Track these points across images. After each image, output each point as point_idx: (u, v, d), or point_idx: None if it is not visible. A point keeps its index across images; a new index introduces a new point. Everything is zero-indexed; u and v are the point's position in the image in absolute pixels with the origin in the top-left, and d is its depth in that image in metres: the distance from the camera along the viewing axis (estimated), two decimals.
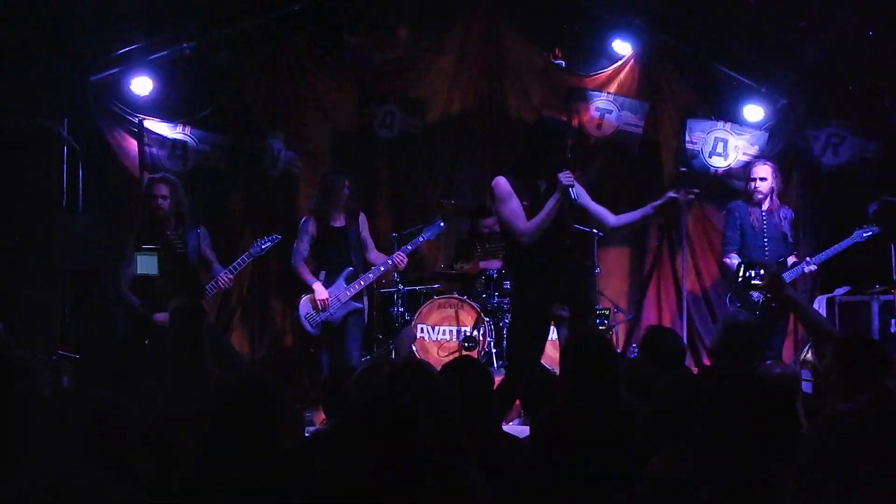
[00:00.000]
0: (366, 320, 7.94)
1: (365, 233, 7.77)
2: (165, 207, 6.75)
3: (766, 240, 7.48)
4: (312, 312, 7.52)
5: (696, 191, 5.84)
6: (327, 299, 7.46)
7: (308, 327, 7.56)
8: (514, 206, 5.68)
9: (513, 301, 6.08)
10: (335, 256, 7.58)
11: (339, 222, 7.62)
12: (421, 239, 7.86)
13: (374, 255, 7.74)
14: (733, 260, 7.52)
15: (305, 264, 7.66)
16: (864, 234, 7.62)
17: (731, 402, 2.34)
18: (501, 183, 5.73)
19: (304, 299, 7.59)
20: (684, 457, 2.59)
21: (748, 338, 4.42)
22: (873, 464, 1.42)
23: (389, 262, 7.62)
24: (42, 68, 6.39)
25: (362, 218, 7.82)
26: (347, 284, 7.51)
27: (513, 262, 5.87)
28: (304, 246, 7.63)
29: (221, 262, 7.77)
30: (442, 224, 8.08)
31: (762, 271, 4.30)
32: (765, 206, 7.58)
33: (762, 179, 7.56)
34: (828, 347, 3.73)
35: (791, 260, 7.65)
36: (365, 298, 7.84)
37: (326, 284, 7.53)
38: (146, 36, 8.49)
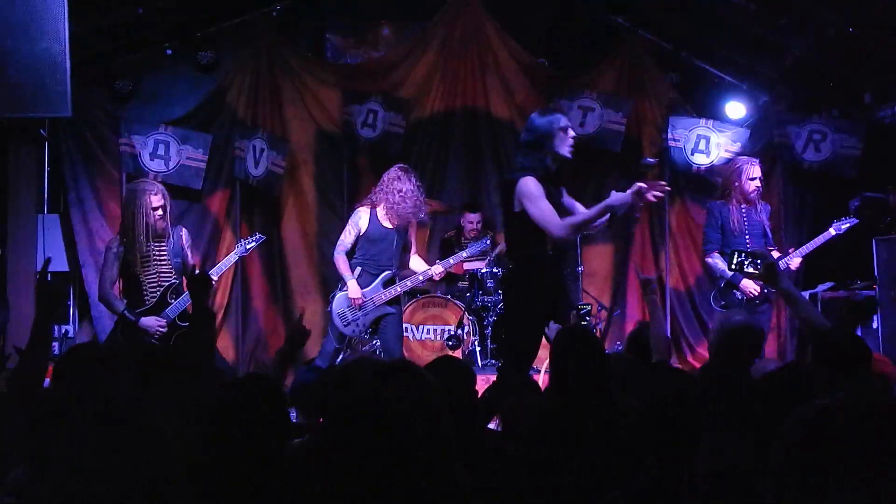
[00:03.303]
0: (400, 324, 7.75)
1: (412, 236, 7.65)
2: (164, 221, 6.71)
3: (747, 236, 7.46)
4: (346, 310, 7.39)
5: (664, 185, 5.69)
6: (361, 299, 7.33)
7: (340, 324, 7.42)
8: (546, 205, 5.47)
9: (514, 300, 5.81)
10: (376, 256, 7.40)
11: (390, 223, 7.40)
12: (464, 254, 7.84)
13: (414, 259, 7.65)
14: (715, 259, 7.52)
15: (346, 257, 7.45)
16: (843, 227, 7.65)
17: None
18: (530, 182, 5.49)
19: (340, 296, 7.42)
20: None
21: (747, 339, 4.41)
22: (851, 458, 1.42)
23: (429, 273, 7.57)
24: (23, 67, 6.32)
25: (411, 228, 7.63)
26: (385, 288, 7.39)
27: (520, 262, 5.71)
28: (349, 238, 7.38)
29: (203, 262, 7.75)
30: (488, 241, 8.12)
31: (758, 261, 4.28)
32: (745, 204, 7.56)
33: (761, 179, 7.52)
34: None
35: (774, 254, 7.64)
36: (402, 302, 7.75)
37: (362, 283, 7.36)
38: (128, 35, 8.46)
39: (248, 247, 7.42)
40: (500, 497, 2.87)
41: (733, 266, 4.40)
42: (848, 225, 7.64)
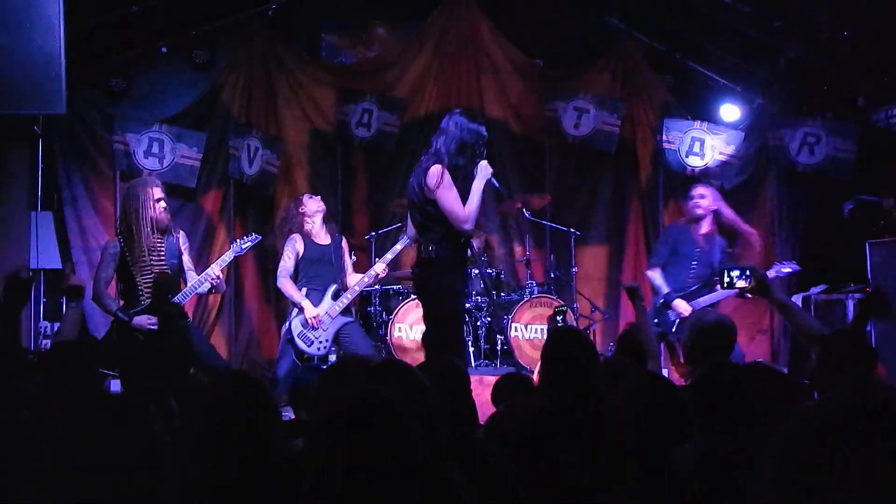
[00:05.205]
0: (362, 329, 7.96)
1: (345, 257, 7.82)
2: (167, 213, 6.71)
3: (694, 262, 7.47)
4: (305, 331, 7.54)
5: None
6: (318, 317, 7.50)
7: (304, 347, 7.55)
8: (457, 194, 5.66)
9: (443, 298, 5.76)
10: (320, 274, 7.62)
11: (324, 240, 7.69)
12: (399, 246, 7.88)
13: (351, 278, 7.79)
14: (655, 274, 7.53)
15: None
16: (784, 270, 7.56)
17: None
18: (444, 170, 5.67)
19: (294, 320, 7.60)
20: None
21: (720, 337, 4.43)
22: (848, 458, 1.42)
23: (373, 273, 7.66)
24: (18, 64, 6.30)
25: (344, 242, 7.88)
26: (335, 300, 7.56)
27: (446, 254, 5.72)
28: (290, 263, 7.65)
29: (197, 260, 7.75)
30: None
31: (748, 273, 4.31)
32: (703, 229, 7.55)
33: (701, 196, 7.57)
34: (815, 348, 3.74)
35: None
36: (353, 310, 7.90)
37: (313, 301, 7.56)
38: (122, 33, 8.45)
39: (243, 247, 7.40)
40: (492, 498, 2.87)
41: (724, 284, 4.43)
42: (791, 270, 7.58)
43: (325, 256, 7.65)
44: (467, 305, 8.40)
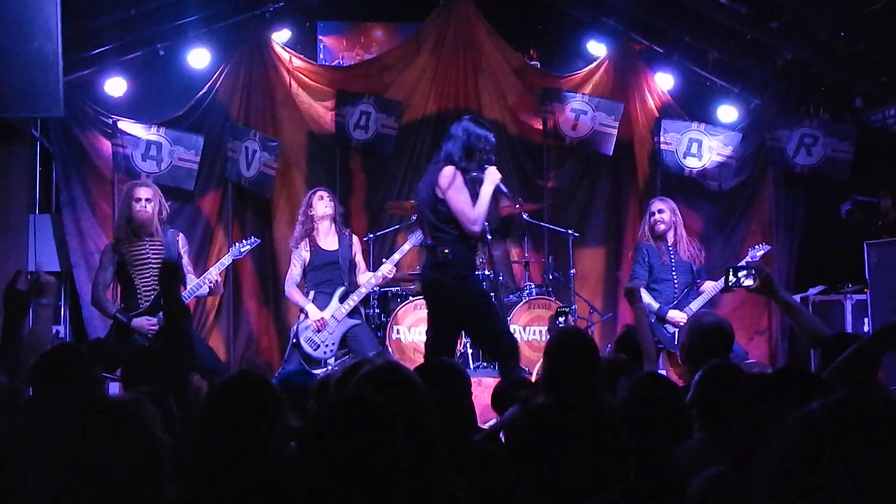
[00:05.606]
0: (369, 331, 7.97)
1: (358, 257, 7.86)
2: (147, 212, 6.71)
3: (673, 272, 7.68)
4: (311, 335, 7.55)
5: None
6: (322, 320, 7.52)
7: (310, 350, 7.56)
8: (468, 196, 5.86)
9: (468, 293, 6.00)
10: (328, 279, 7.66)
11: (331, 245, 7.71)
12: (407, 246, 7.89)
13: (363, 277, 7.81)
14: (641, 294, 7.61)
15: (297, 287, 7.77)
16: (758, 254, 7.78)
17: None
18: (457, 172, 5.86)
19: (300, 325, 7.63)
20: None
21: (718, 338, 4.43)
22: (846, 461, 1.42)
23: (380, 275, 7.70)
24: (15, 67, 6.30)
25: (355, 240, 7.91)
26: (342, 303, 7.59)
27: (461, 255, 5.94)
28: (297, 271, 7.72)
29: (195, 262, 7.75)
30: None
31: (753, 272, 4.32)
32: (670, 241, 7.74)
33: (660, 211, 7.76)
34: (818, 350, 3.74)
35: (709, 283, 7.68)
36: (361, 311, 7.90)
37: (320, 305, 7.58)
38: (120, 36, 8.45)
39: (241, 250, 7.43)
40: (491, 498, 2.87)
41: (730, 283, 4.43)
42: (763, 251, 7.84)
43: (331, 262, 7.68)
44: None
